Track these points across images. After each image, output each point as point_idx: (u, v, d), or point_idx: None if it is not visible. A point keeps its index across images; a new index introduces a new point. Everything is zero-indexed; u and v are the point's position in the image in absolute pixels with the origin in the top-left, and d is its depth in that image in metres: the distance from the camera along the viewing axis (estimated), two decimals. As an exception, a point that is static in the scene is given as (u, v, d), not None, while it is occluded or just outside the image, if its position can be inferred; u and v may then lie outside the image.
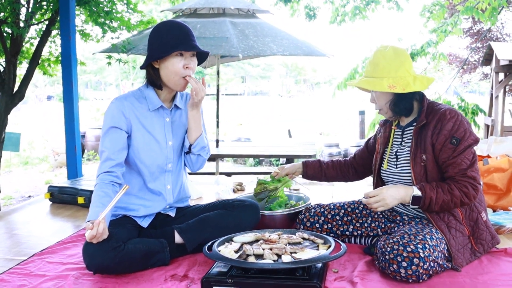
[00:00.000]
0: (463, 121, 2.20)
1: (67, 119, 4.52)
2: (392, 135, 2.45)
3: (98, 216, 2.08)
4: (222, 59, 6.56)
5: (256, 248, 2.02)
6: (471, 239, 2.23)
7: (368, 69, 2.30)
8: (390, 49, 2.27)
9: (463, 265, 2.16)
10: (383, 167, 2.44)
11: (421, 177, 2.24)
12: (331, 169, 2.79)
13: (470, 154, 2.18)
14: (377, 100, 2.34)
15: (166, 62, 2.32)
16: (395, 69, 2.24)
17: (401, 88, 2.20)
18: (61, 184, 3.80)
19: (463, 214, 2.23)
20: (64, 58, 4.51)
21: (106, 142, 2.36)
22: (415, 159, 2.25)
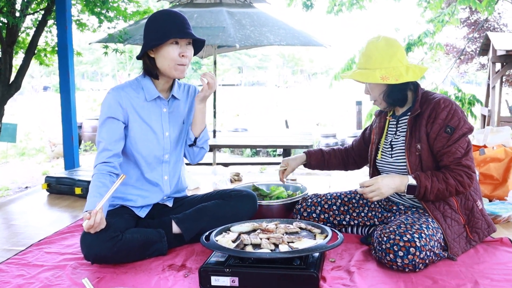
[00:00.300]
0: (457, 110, 2.20)
1: (64, 109, 4.50)
2: (387, 125, 2.46)
3: (96, 206, 2.08)
4: (218, 49, 6.54)
5: (253, 238, 2.03)
6: (467, 228, 2.24)
7: (361, 60, 2.30)
8: (382, 40, 2.27)
9: (459, 254, 2.18)
10: (378, 157, 2.45)
11: (416, 167, 2.24)
12: (333, 158, 2.79)
13: (465, 143, 2.18)
14: (371, 91, 2.35)
15: (161, 50, 2.31)
16: (387, 59, 2.24)
17: (394, 79, 2.20)
18: (58, 174, 3.80)
19: (458, 203, 2.24)
20: (61, 48, 4.49)
21: (103, 132, 2.36)
22: (410, 148, 2.26)
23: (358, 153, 2.75)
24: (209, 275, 1.90)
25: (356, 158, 2.77)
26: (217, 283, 1.90)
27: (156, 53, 2.34)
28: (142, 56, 2.39)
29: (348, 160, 2.79)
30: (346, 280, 1.98)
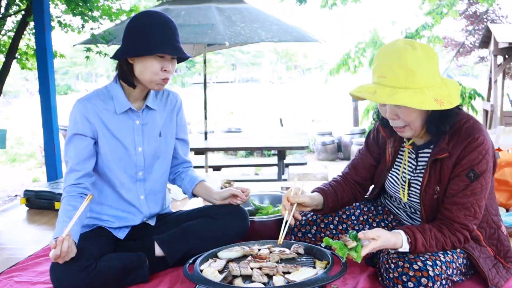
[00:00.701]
0: (489, 152, 1.81)
1: (44, 116, 4.28)
2: (405, 157, 2.03)
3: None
4: (209, 47, 6.29)
5: (243, 268, 1.79)
6: (499, 259, 1.96)
7: (398, 76, 1.72)
8: (420, 50, 1.73)
9: (502, 284, 1.89)
10: (402, 198, 2.05)
11: (431, 209, 1.91)
12: (346, 193, 2.22)
13: (483, 199, 1.81)
14: (405, 116, 1.80)
15: (144, 61, 2.05)
16: (432, 76, 1.74)
17: (448, 103, 1.71)
18: (37, 188, 3.57)
19: (482, 235, 1.93)
20: (39, 51, 4.26)
21: (70, 151, 2.13)
22: (427, 190, 1.91)
23: (368, 177, 2.23)
24: (193, 312, 1.66)
25: (365, 183, 2.25)
26: (203, 321, 1.65)
27: (137, 61, 2.07)
28: (118, 59, 2.12)
29: (356, 191, 2.25)
30: (351, 312, 1.74)
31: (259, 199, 2.82)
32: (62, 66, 33.82)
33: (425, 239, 1.76)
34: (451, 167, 1.82)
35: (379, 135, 2.16)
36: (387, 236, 1.75)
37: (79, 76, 41.17)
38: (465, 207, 1.79)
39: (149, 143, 2.24)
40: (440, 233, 1.79)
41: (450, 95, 1.74)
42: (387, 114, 1.85)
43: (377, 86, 1.76)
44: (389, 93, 1.71)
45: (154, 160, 2.28)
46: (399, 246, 1.76)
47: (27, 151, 11.42)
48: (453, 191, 1.81)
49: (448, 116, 1.79)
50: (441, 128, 1.81)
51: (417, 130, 1.85)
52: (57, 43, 4.73)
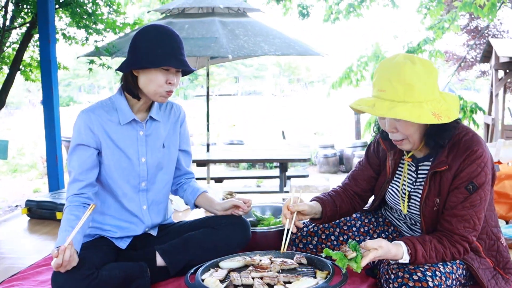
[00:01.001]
0: (488, 164, 1.81)
1: (47, 126, 4.29)
2: (405, 170, 2.04)
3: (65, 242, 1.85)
4: (212, 60, 6.32)
5: (244, 277, 1.79)
6: (498, 270, 1.96)
7: (397, 91, 1.73)
8: (419, 65, 1.75)
9: None
10: (402, 210, 2.05)
11: (431, 221, 1.92)
12: (344, 203, 2.21)
13: (482, 210, 1.81)
14: (403, 129, 1.81)
15: (148, 73, 2.07)
16: (431, 90, 1.75)
17: (446, 117, 1.72)
18: (39, 198, 3.58)
19: (482, 246, 1.94)
20: (44, 62, 4.29)
21: (73, 161, 2.14)
22: (426, 202, 1.91)
23: (368, 188, 2.23)
24: (194, 322, 1.66)
25: (365, 194, 2.25)
26: (204, 331, 1.65)
27: (142, 73, 2.09)
28: (123, 71, 2.14)
29: (354, 202, 2.25)
30: (352, 323, 1.73)
31: (260, 210, 2.82)
32: (64, 78, 33.97)
33: (425, 251, 1.76)
34: (451, 180, 1.83)
35: (380, 148, 2.17)
36: (388, 247, 1.75)
37: (82, 88, 41.30)
38: (464, 219, 1.79)
39: (152, 154, 2.25)
40: (441, 245, 1.79)
41: (449, 110, 1.75)
42: (386, 127, 1.87)
43: (376, 100, 1.78)
44: (388, 106, 1.73)
45: (157, 171, 2.29)
46: (400, 258, 1.76)
47: (29, 161, 11.42)
48: (452, 203, 1.82)
49: (446, 130, 1.81)
50: (439, 141, 1.82)
51: (415, 143, 1.86)
52: (61, 55, 4.76)
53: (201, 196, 2.40)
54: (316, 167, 10.72)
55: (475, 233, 1.81)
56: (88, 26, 5.01)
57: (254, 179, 8.48)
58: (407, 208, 2.02)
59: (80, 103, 30.71)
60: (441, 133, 1.81)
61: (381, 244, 1.74)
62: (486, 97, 9.36)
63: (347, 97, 21.03)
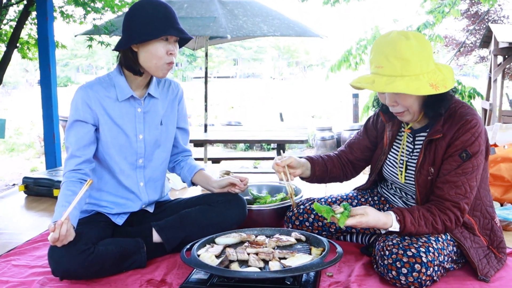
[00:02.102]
0: (482, 134, 1.86)
1: (45, 105, 4.28)
2: (404, 141, 2.10)
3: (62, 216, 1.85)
4: (211, 40, 6.29)
5: (240, 253, 1.80)
6: (492, 249, 1.98)
7: (395, 66, 1.79)
8: (413, 39, 1.80)
9: (492, 274, 1.91)
10: (400, 180, 2.10)
11: (426, 191, 1.96)
12: (336, 168, 2.33)
13: (474, 180, 1.87)
14: (403, 101, 1.88)
15: (148, 46, 2.06)
16: (426, 63, 1.80)
17: (443, 87, 1.78)
18: (36, 175, 3.58)
19: (477, 225, 1.97)
20: (41, 40, 4.26)
21: (70, 137, 2.13)
22: (420, 170, 1.96)
23: (361, 157, 2.32)
24: (189, 296, 1.68)
25: (358, 163, 2.35)
26: (199, 305, 1.67)
27: (142, 48, 2.07)
28: (122, 48, 2.11)
29: (347, 169, 2.36)
30: (345, 299, 1.75)
31: (257, 189, 2.83)
32: (62, 58, 33.79)
33: (413, 218, 1.82)
34: (445, 148, 1.89)
35: (379, 120, 2.25)
36: (377, 215, 1.83)
37: (80, 68, 41.12)
38: (456, 186, 1.85)
39: (150, 131, 2.25)
40: (429, 212, 1.85)
41: (445, 80, 1.81)
42: (386, 102, 1.93)
43: (375, 76, 1.84)
44: (387, 81, 1.79)
45: (155, 148, 2.29)
46: (389, 226, 1.84)
47: (26, 141, 11.41)
48: (445, 171, 1.88)
49: (444, 99, 1.88)
50: (438, 110, 1.88)
51: (415, 114, 1.92)
52: (58, 34, 4.73)
53: (198, 174, 2.41)
54: (313, 150, 10.74)
55: (467, 201, 1.86)
56: (86, 4, 4.98)
57: (251, 160, 8.49)
58: (404, 178, 2.07)
59: (78, 83, 30.60)
60: (439, 102, 1.87)
61: (367, 211, 1.82)
62: (484, 82, 9.35)
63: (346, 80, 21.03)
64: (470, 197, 1.86)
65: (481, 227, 1.98)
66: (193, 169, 2.42)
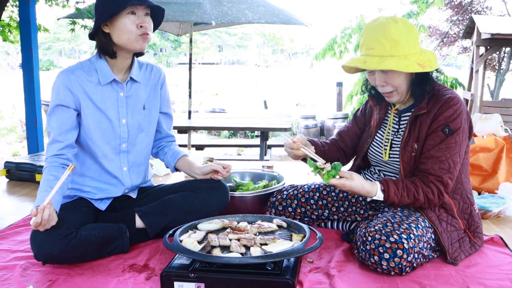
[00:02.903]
0: (463, 113, 1.96)
1: (27, 89, 4.24)
2: (390, 120, 2.19)
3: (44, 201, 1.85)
4: (195, 26, 6.25)
5: (222, 239, 1.82)
6: (468, 233, 2.05)
7: (385, 47, 1.91)
8: (401, 23, 1.94)
9: (462, 259, 1.99)
10: (384, 157, 2.16)
11: (410, 167, 2.03)
12: (332, 152, 2.39)
13: (458, 156, 1.95)
14: (391, 80, 1.98)
15: (116, 23, 2.05)
16: (413, 45, 1.94)
17: (429, 66, 1.91)
18: (18, 160, 3.55)
19: (456, 207, 2.04)
20: (23, 23, 4.21)
21: (52, 122, 2.12)
22: (405, 147, 2.04)
23: (351, 145, 2.39)
24: (171, 281, 1.69)
25: (348, 151, 2.42)
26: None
27: (111, 27, 2.07)
28: (94, 33, 2.11)
29: (339, 155, 2.40)
30: (326, 285, 1.78)
31: (240, 176, 2.85)
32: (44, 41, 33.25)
33: (397, 188, 1.91)
34: (429, 124, 1.98)
35: (367, 106, 2.35)
36: (362, 182, 1.91)
37: (62, 52, 40.55)
38: (439, 160, 1.93)
39: (133, 116, 2.25)
40: (412, 184, 1.93)
41: (430, 60, 1.95)
42: (376, 82, 2.03)
43: (366, 57, 1.97)
44: (378, 61, 1.92)
45: (138, 133, 2.29)
46: (374, 194, 1.93)
47: (7, 125, 11.23)
48: (429, 146, 1.96)
49: (429, 78, 2.01)
50: (425, 88, 2.00)
51: (403, 94, 2.04)
52: (41, 17, 4.66)
53: (181, 160, 2.41)
54: (297, 138, 10.75)
55: (450, 175, 1.93)
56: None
57: (235, 147, 8.50)
58: (388, 155, 2.14)
59: (60, 67, 30.19)
60: (425, 81, 2.00)
61: (353, 176, 1.90)
62: (467, 73, 9.43)
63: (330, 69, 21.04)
64: (454, 172, 1.94)
65: (460, 210, 2.05)
66: (177, 155, 2.42)
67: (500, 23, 8.68)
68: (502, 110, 7.53)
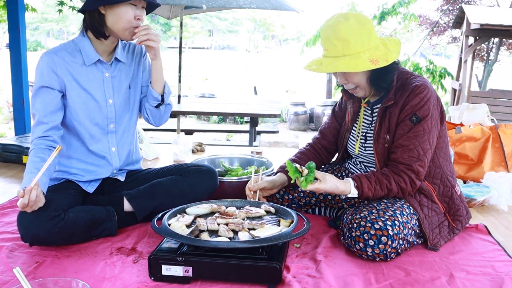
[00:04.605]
0: (431, 99, 1.96)
1: (14, 69, 4.18)
2: (361, 113, 2.22)
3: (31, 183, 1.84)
4: (186, 10, 6.19)
5: (210, 223, 1.83)
6: (448, 217, 2.09)
7: (336, 47, 1.92)
8: (352, 19, 1.92)
9: (441, 244, 2.02)
10: (355, 150, 2.21)
11: (384, 159, 2.06)
12: (312, 159, 2.37)
13: (427, 143, 1.96)
14: (351, 78, 2.01)
15: (117, 9, 2.03)
16: (367, 40, 1.93)
17: (384, 61, 1.90)
18: (4, 141, 3.52)
19: (435, 192, 2.07)
20: (10, 2, 4.15)
21: (37, 104, 2.10)
22: (378, 139, 2.06)
23: (333, 141, 2.41)
24: (159, 264, 1.70)
25: (331, 147, 2.43)
26: (169, 273, 1.70)
27: (110, 10, 2.04)
28: (89, 10, 2.07)
29: (322, 156, 2.44)
30: (312, 270, 1.80)
31: (229, 161, 2.86)
32: (32, 22, 32.71)
33: (370, 183, 1.94)
34: (398, 114, 1.99)
35: (343, 101, 2.36)
36: (335, 182, 1.93)
37: (50, 33, 39.95)
38: (408, 149, 1.95)
39: (119, 95, 2.24)
40: (384, 176, 1.96)
41: (387, 54, 1.93)
42: (338, 80, 2.09)
43: (323, 59, 2.00)
44: (331, 62, 1.94)
45: (125, 112, 2.28)
46: (348, 192, 1.95)
47: (-6, 106, 11.13)
48: (398, 135, 1.99)
49: (387, 73, 1.99)
50: (382, 84, 2.01)
51: (366, 89, 2.05)
52: (28, -4, 4.60)
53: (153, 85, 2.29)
54: (286, 124, 10.79)
55: (420, 163, 1.95)
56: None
57: (224, 132, 8.49)
58: (358, 148, 2.18)
59: (48, 48, 29.65)
60: (382, 76, 1.99)
61: (325, 178, 1.92)
62: (456, 63, 9.47)
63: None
64: (424, 159, 1.96)
65: (440, 194, 2.08)
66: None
67: (490, 13, 8.71)
68: (489, 101, 7.59)
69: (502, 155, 2.98)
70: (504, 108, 7.73)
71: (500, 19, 8.00)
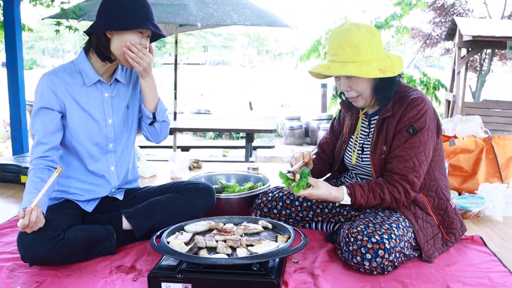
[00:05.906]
0: (428, 112, 2.01)
1: (11, 89, 4.21)
2: (359, 125, 2.25)
3: (31, 203, 1.86)
4: (181, 27, 6.25)
5: (208, 240, 1.85)
6: (442, 229, 2.12)
7: (347, 53, 1.97)
8: (364, 29, 1.99)
9: (435, 256, 2.05)
10: (352, 161, 2.24)
11: (380, 169, 2.09)
12: (320, 166, 2.41)
13: (423, 155, 1.99)
14: (355, 85, 2.04)
15: (124, 35, 2.07)
16: (376, 50, 1.99)
17: (391, 71, 1.96)
18: (2, 161, 3.53)
19: (430, 204, 2.10)
20: (7, 22, 4.19)
21: (36, 124, 2.12)
22: (375, 150, 2.09)
23: (330, 155, 2.43)
24: (159, 281, 1.72)
25: (329, 161, 2.45)
26: (168, 290, 1.71)
27: (116, 35, 2.08)
28: (97, 32, 2.10)
29: (324, 166, 2.45)
30: (310, 284, 1.82)
31: (225, 178, 2.88)
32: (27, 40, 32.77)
33: (363, 191, 1.97)
34: (395, 126, 2.03)
35: (341, 115, 2.39)
36: (328, 189, 1.97)
37: (45, 51, 40.07)
38: (404, 159, 1.98)
39: (118, 115, 2.27)
40: (378, 185, 1.99)
41: (393, 66, 2.00)
42: (341, 87, 2.09)
43: (330, 63, 2.03)
44: (340, 66, 1.99)
45: (124, 132, 2.31)
46: (341, 199, 1.99)
47: (-11, 125, 11.12)
48: (395, 146, 2.02)
49: (392, 83, 2.05)
50: (387, 93, 2.06)
51: (368, 99, 2.09)
52: (24, 16, 4.62)
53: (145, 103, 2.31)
54: (282, 139, 10.82)
55: (415, 174, 1.98)
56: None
57: (220, 148, 8.51)
58: (355, 159, 2.21)
59: (43, 66, 29.81)
60: (387, 86, 2.05)
61: (318, 184, 1.96)
62: (449, 74, 9.55)
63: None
64: (419, 171, 1.99)
65: (434, 207, 2.11)
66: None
67: (482, 25, 8.82)
68: (483, 111, 7.66)
69: (496, 166, 3.02)
70: (498, 119, 7.80)
71: (491, 31, 8.10)
